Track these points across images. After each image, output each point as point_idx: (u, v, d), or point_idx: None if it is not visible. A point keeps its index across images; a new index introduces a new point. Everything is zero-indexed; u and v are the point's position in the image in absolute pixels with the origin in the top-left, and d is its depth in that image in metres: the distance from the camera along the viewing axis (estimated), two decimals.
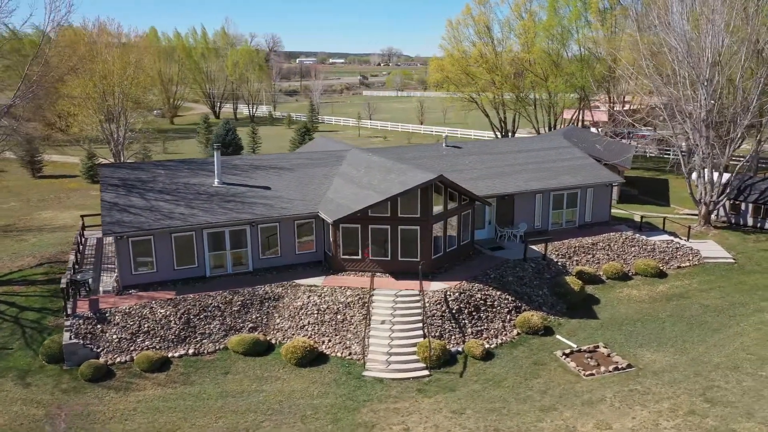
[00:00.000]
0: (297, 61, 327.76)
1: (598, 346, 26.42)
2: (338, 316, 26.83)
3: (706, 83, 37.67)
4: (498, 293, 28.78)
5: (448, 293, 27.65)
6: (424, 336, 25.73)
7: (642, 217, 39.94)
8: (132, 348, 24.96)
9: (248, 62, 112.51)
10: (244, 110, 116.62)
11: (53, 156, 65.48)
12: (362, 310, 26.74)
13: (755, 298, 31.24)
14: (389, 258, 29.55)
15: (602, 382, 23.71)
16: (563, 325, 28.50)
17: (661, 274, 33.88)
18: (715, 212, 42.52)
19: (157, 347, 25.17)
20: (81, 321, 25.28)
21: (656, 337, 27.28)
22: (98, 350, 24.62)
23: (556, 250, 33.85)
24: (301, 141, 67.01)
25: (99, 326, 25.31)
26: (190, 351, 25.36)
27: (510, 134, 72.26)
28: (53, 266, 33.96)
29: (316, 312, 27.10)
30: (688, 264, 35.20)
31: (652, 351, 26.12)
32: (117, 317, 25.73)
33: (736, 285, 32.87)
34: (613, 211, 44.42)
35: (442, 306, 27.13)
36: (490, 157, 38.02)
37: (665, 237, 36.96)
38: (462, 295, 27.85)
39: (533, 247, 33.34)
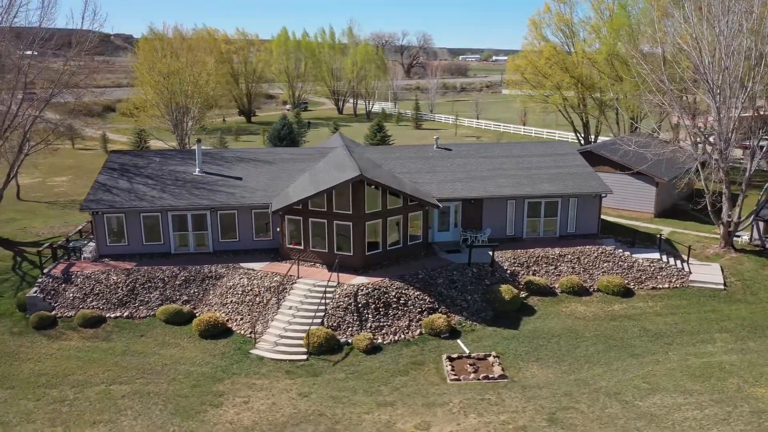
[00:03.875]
0: (460, 58, 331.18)
1: (489, 355, 26.19)
2: (257, 298, 29.37)
3: (717, 89, 34.16)
4: (417, 293, 29.39)
5: (361, 288, 28.90)
6: (322, 324, 27.41)
7: (635, 233, 37.22)
8: (81, 306, 29.58)
9: (366, 61, 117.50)
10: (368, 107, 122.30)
11: (152, 141, 74.85)
12: (279, 295, 29.03)
13: (713, 329, 28.42)
14: (326, 250, 31.40)
15: (461, 389, 23.76)
16: (476, 331, 28.40)
17: (626, 293, 31.81)
18: (749, 234, 38.23)
19: (101, 307, 29.58)
20: (50, 279, 30.49)
21: (560, 354, 26.30)
22: (54, 305, 29.60)
23: (515, 259, 33.19)
24: (374, 137, 69.99)
25: (63, 285, 30.32)
26: (125, 314, 29.46)
27: (592, 138, 68.83)
28: (82, 235, 40.22)
29: (240, 292, 29.87)
30: (667, 286, 32.55)
31: (543, 367, 25.35)
32: (79, 279, 30.58)
33: (704, 313, 29.98)
34: (644, 225, 41.46)
35: (349, 299, 28.49)
36: (475, 161, 37.87)
37: (654, 255, 34.29)
38: (376, 291, 28.92)
39: (490, 253, 33.04)
